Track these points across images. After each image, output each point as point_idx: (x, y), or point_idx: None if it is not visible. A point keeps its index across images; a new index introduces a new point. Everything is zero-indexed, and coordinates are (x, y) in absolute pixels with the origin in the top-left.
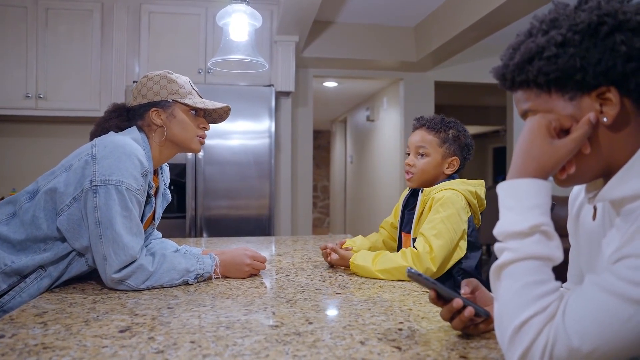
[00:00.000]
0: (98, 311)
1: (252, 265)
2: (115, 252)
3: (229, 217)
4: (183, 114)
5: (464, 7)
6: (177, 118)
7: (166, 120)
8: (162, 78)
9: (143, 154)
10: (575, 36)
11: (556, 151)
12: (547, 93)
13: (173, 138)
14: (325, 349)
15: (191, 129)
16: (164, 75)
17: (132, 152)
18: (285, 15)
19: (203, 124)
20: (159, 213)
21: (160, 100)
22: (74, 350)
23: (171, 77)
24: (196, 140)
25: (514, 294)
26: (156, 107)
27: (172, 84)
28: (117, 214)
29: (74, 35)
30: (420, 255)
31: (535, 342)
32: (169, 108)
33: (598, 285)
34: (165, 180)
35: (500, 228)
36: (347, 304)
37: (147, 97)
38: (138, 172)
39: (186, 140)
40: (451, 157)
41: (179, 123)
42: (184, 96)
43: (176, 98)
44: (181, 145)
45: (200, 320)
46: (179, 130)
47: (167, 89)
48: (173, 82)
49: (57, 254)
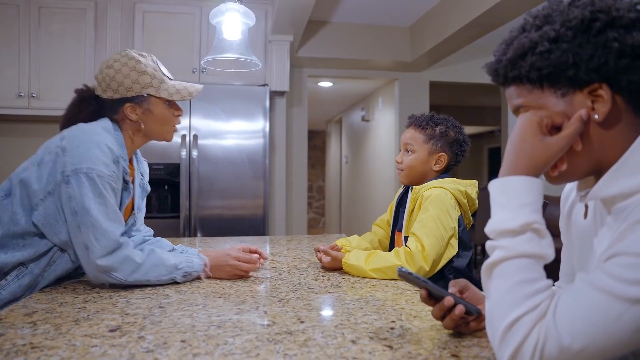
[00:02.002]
0: (88, 310)
1: (235, 267)
2: (97, 238)
3: (223, 217)
4: (159, 107)
5: (458, 7)
6: (154, 113)
7: (142, 116)
8: (131, 70)
9: (113, 142)
10: (568, 32)
11: (548, 148)
12: (540, 89)
13: (149, 132)
14: (317, 347)
15: (169, 121)
16: (132, 66)
17: (101, 140)
18: (280, 15)
19: (178, 111)
20: (139, 204)
21: (135, 95)
22: (63, 350)
23: (140, 68)
24: (171, 132)
25: (505, 292)
26: (130, 103)
27: (143, 75)
28: (92, 201)
29: (67, 34)
30: (413, 254)
31: (526, 341)
32: (144, 103)
33: (589, 283)
34: (143, 171)
35: (492, 226)
36: (340, 303)
37: (119, 92)
38: (109, 159)
39: (163, 133)
40: (438, 153)
41: (157, 118)
42: (158, 88)
43: (151, 92)
44: (156, 137)
45: (192, 319)
46: (156, 125)
47: (140, 83)
48: (143, 73)
49: (37, 251)
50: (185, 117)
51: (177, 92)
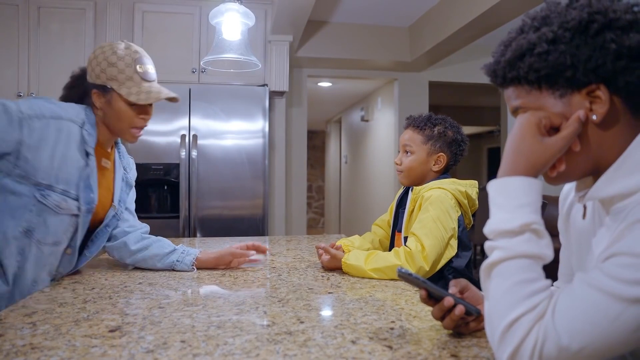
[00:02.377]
0: (88, 311)
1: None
2: None
3: (223, 217)
4: (119, 103)
5: (457, 8)
6: (112, 107)
7: (103, 106)
8: (104, 59)
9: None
10: (566, 33)
11: (546, 149)
12: (538, 90)
13: (108, 124)
14: (316, 348)
15: (126, 119)
16: (106, 56)
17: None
18: (280, 15)
19: (143, 114)
20: (122, 197)
21: (101, 84)
22: (63, 351)
23: (111, 60)
24: (129, 133)
25: (504, 292)
26: (96, 90)
27: (111, 67)
28: None
29: (67, 34)
30: (413, 254)
31: (525, 341)
32: (107, 94)
33: (587, 283)
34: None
35: (491, 226)
36: (339, 303)
37: (91, 77)
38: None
39: (119, 130)
40: (437, 154)
41: (114, 112)
42: (121, 84)
43: (113, 86)
44: (114, 132)
45: (192, 319)
46: (113, 119)
47: (107, 74)
48: (112, 65)
49: None
50: (185, 117)
51: (137, 93)
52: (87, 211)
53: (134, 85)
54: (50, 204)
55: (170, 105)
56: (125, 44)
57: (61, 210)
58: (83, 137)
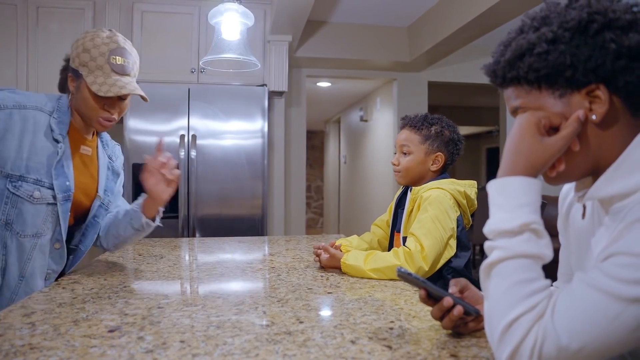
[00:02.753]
0: (87, 311)
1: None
2: None
3: (222, 217)
4: (85, 90)
5: (456, 8)
6: (80, 93)
7: (74, 90)
8: (82, 44)
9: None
10: (565, 33)
11: (546, 149)
12: (538, 90)
13: (77, 109)
14: (316, 348)
15: (92, 108)
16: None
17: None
18: (279, 15)
19: (108, 107)
20: (107, 185)
21: (74, 68)
22: (62, 351)
23: (87, 46)
24: (96, 121)
25: (503, 292)
26: (71, 73)
27: (85, 53)
28: None
29: (66, 34)
30: (413, 254)
31: (524, 341)
32: (78, 79)
33: (587, 283)
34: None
35: (490, 226)
36: (339, 303)
37: (71, 60)
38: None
39: (87, 117)
40: (435, 153)
41: (82, 99)
42: (90, 71)
43: (83, 72)
44: (84, 120)
45: (191, 319)
46: (80, 105)
47: (80, 59)
48: (86, 51)
49: None
50: (184, 117)
51: (100, 84)
52: (64, 199)
53: (101, 76)
54: (23, 194)
55: (169, 106)
56: (111, 33)
57: (36, 200)
58: (50, 125)
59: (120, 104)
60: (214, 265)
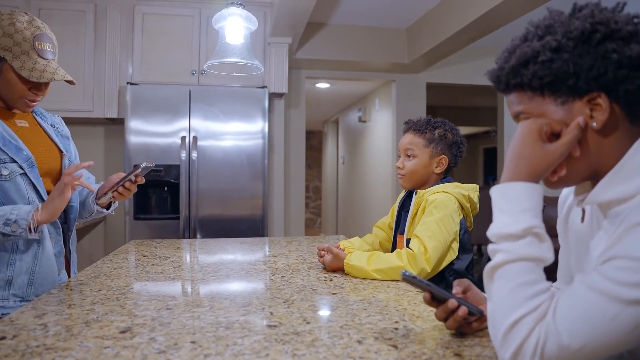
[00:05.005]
0: (97, 312)
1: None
2: None
3: (223, 218)
4: (10, 74)
5: (455, 10)
6: (3, 76)
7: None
8: (2, 27)
9: None
10: (569, 42)
11: (547, 155)
12: (541, 96)
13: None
14: (324, 348)
15: (17, 90)
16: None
17: None
18: (279, 17)
19: (34, 90)
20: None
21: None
22: (76, 351)
23: (8, 30)
24: (22, 102)
25: (506, 294)
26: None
27: (6, 38)
28: None
29: (67, 36)
30: (416, 255)
31: (527, 340)
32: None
33: (587, 285)
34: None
35: (494, 230)
36: (343, 304)
37: None
38: None
39: (10, 100)
40: (439, 156)
41: (4, 82)
42: (15, 56)
43: (6, 56)
44: (6, 102)
45: (200, 320)
46: (2, 87)
47: (1, 42)
48: (9, 36)
49: None
50: (185, 119)
51: (30, 69)
52: (30, 166)
53: (28, 61)
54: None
55: (170, 107)
56: (29, 17)
57: (7, 177)
58: None
59: (45, 87)
60: (218, 267)
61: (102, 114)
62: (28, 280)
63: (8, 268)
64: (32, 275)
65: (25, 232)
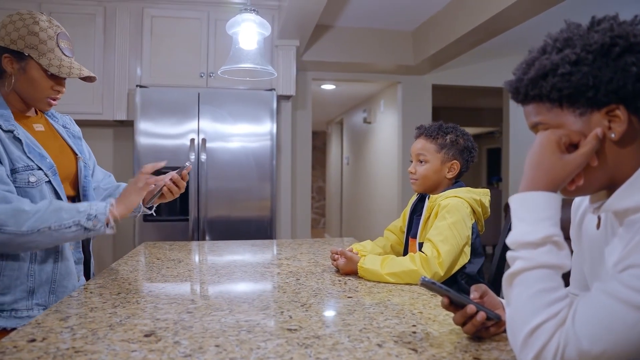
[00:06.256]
0: (120, 316)
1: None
2: None
3: (231, 220)
4: (35, 72)
5: (463, 13)
6: (27, 74)
7: (16, 72)
8: (24, 26)
9: None
10: (588, 55)
11: (566, 165)
12: (559, 108)
13: (18, 91)
14: (345, 351)
15: (41, 89)
16: (28, 24)
17: None
18: (288, 20)
19: (58, 87)
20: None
21: (16, 50)
22: (105, 355)
23: (33, 29)
24: (44, 101)
25: (526, 300)
26: (9, 55)
27: (32, 36)
28: None
29: (77, 38)
30: (429, 259)
31: (547, 345)
32: (22, 61)
33: (606, 292)
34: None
35: (513, 238)
36: (360, 307)
37: (4, 41)
38: None
39: (33, 99)
40: (451, 162)
41: (28, 80)
42: (42, 54)
43: (32, 54)
44: (27, 101)
45: (221, 324)
46: (26, 86)
47: (25, 41)
48: (34, 34)
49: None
50: (194, 121)
51: (58, 66)
52: (53, 173)
53: (54, 58)
54: (22, 183)
55: (179, 109)
56: (47, 16)
57: (34, 184)
58: None
59: (64, 84)
60: (232, 270)
61: (112, 116)
62: (49, 289)
63: (28, 279)
64: (53, 284)
65: (104, 226)
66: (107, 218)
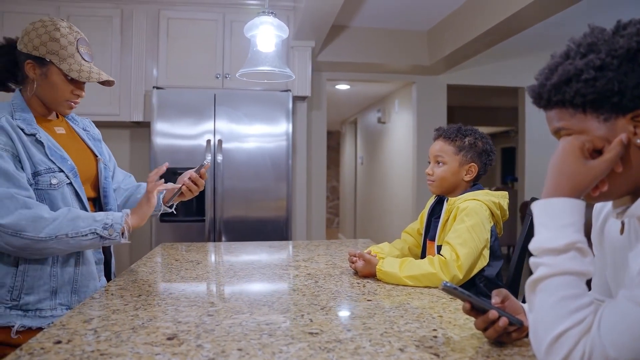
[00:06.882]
0: (142, 318)
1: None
2: None
3: (247, 220)
4: (56, 77)
5: (478, 13)
6: (48, 79)
7: (38, 77)
8: (46, 33)
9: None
10: (613, 61)
11: (590, 171)
12: (582, 113)
13: (40, 96)
14: (368, 356)
15: (61, 94)
16: (49, 30)
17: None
18: (304, 21)
19: (77, 91)
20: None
21: (38, 56)
22: (130, 357)
23: (54, 35)
24: (65, 105)
25: (550, 306)
26: (32, 61)
27: (53, 42)
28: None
29: (94, 41)
30: (448, 262)
31: (572, 353)
32: (44, 66)
33: (632, 300)
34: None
35: (536, 244)
36: (380, 311)
37: (27, 47)
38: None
39: (53, 103)
40: (468, 164)
41: (50, 85)
42: (62, 59)
43: (53, 60)
44: (48, 105)
45: (242, 327)
46: (47, 91)
47: (47, 47)
48: (55, 40)
49: None
50: (210, 122)
51: (78, 71)
52: (74, 175)
53: (74, 63)
54: (43, 186)
55: (195, 110)
56: (67, 23)
57: (56, 186)
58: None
59: (83, 89)
60: (250, 271)
61: (129, 117)
62: (72, 289)
63: (51, 279)
64: (75, 284)
65: (119, 236)
66: (123, 228)
